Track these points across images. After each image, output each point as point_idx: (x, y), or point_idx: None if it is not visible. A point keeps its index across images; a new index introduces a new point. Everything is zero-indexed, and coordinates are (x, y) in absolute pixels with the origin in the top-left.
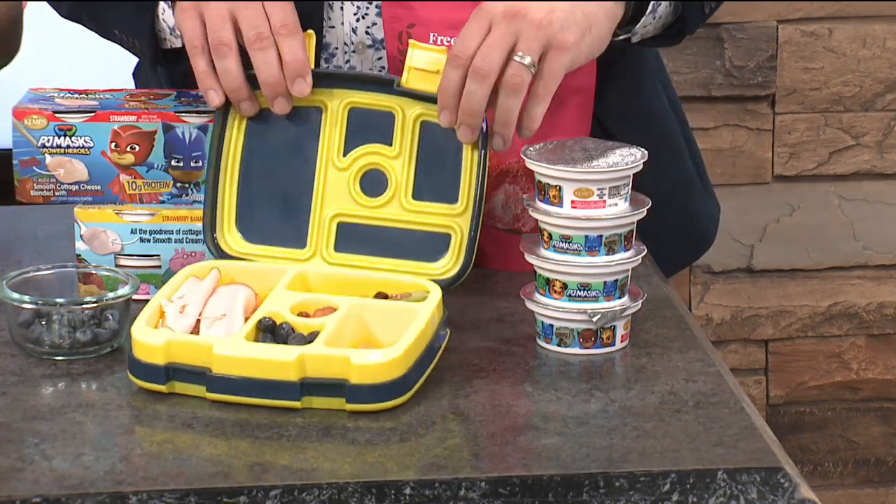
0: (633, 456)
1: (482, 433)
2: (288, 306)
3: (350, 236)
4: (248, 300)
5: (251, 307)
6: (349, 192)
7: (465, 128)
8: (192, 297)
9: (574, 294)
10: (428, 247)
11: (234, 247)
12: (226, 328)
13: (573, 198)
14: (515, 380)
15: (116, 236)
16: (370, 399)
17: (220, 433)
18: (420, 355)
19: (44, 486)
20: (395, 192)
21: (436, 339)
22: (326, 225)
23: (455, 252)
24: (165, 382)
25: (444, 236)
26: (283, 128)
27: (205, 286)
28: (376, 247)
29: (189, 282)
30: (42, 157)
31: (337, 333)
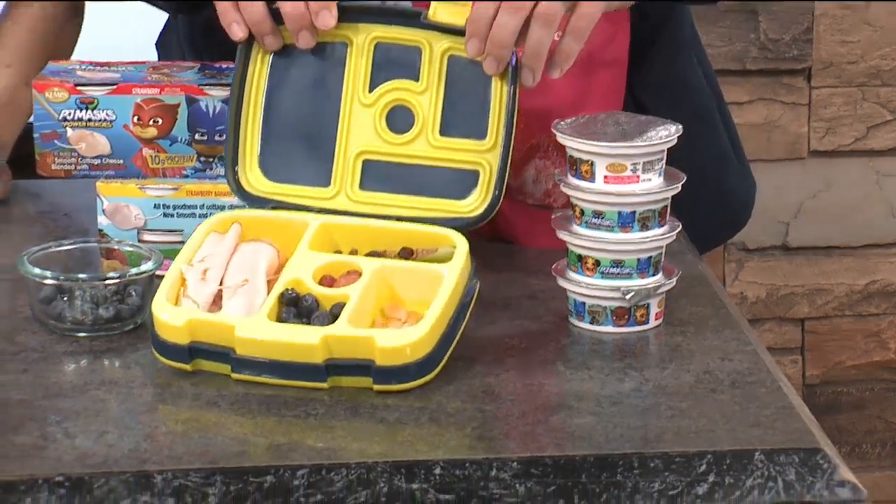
0: (667, 436)
1: (513, 413)
2: (311, 271)
3: (375, 174)
4: (271, 261)
5: (274, 267)
6: (375, 129)
7: (492, 59)
8: (213, 259)
9: (607, 271)
10: (455, 184)
11: (256, 185)
12: (248, 298)
13: (606, 173)
14: (547, 359)
15: (139, 211)
16: (397, 380)
17: (246, 411)
18: (447, 326)
19: (66, 465)
20: (421, 128)
21: (465, 297)
22: (351, 163)
23: (483, 189)
24: (190, 361)
25: (473, 173)
26: (308, 63)
27: (226, 245)
28: (402, 185)
29: (210, 239)
30: (63, 131)
31: (362, 302)
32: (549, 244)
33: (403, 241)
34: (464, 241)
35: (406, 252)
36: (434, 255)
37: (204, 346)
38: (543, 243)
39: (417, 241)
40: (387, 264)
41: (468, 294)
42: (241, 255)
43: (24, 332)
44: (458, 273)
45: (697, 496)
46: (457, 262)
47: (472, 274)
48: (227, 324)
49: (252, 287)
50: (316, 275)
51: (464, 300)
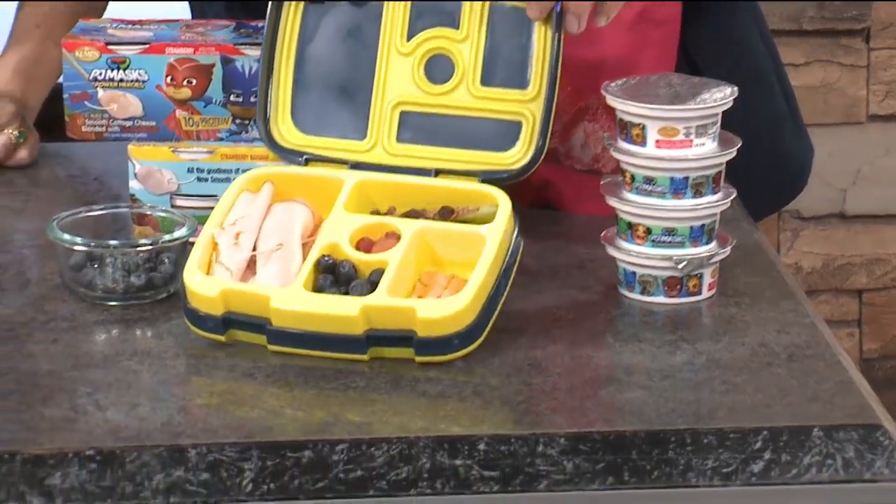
0: (721, 412)
1: (561, 386)
2: (348, 234)
3: (413, 126)
4: (306, 223)
5: (309, 229)
6: (413, 79)
7: (535, 4)
8: (245, 222)
9: (658, 239)
10: (497, 136)
11: (289, 138)
12: (283, 263)
13: (658, 137)
14: (596, 330)
15: (172, 175)
16: (440, 351)
17: (283, 384)
18: (490, 293)
19: (97, 438)
20: (461, 77)
21: (508, 258)
22: (388, 114)
23: (526, 141)
24: (224, 332)
25: (515, 124)
26: (343, 10)
27: (258, 205)
28: (441, 137)
29: (242, 199)
30: (94, 91)
31: (402, 268)
32: (598, 211)
33: (443, 199)
34: (506, 199)
35: (446, 211)
36: (475, 214)
37: (238, 317)
38: (592, 210)
39: (458, 199)
40: (426, 226)
41: (511, 255)
42: (274, 216)
43: (54, 300)
44: (501, 235)
45: (752, 474)
46: (499, 222)
47: (516, 233)
48: (262, 294)
49: (287, 251)
50: (353, 238)
51: (507, 262)
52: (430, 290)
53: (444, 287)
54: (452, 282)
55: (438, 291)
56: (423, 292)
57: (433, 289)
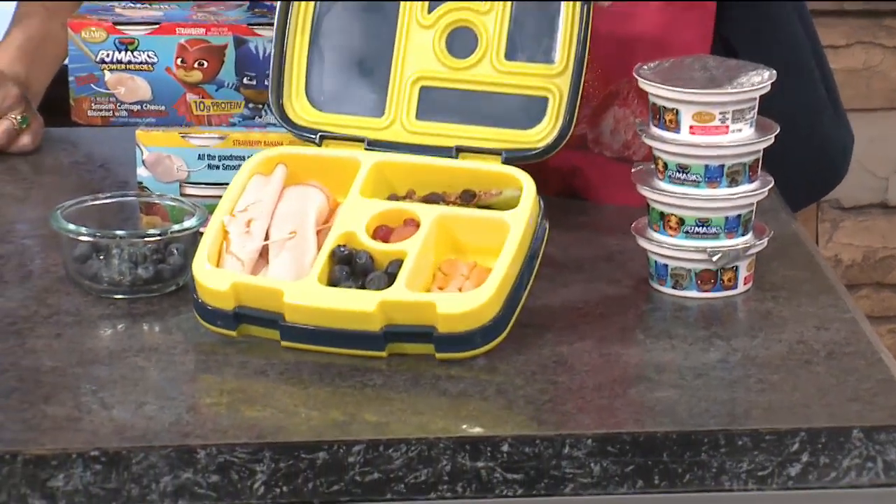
0: (757, 412)
1: (588, 385)
2: (364, 222)
3: (434, 102)
4: (320, 208)
5: (324, 215)
6: (434, 53)
7: None
8: (257, 208)
9: (692, 230)
10: (521, 112)
11: (303, 115)
12: (297, 253)
13: (692, 122)
14: (625, 326)
15: (182, 162)
16: (461, 347)
17: (297, 382)
18: (514, 285)
19: (102, 438)
20: (485, 51)
21: (533, 245)
22: (407, 90)
23: (553, 117)
24: (235, 327)
25: (541, 100)
26: None
27: (271, 189)
28: (463, 113)
29: (253, 182)
30: (101, 74)
31: (421, 258)
32: (629, 201)
33: (464, 181)
34: (531, 182)
35: (468, 195)
36: (498, 198)
37: (250, 312)
38: (622, 200)
39: (480, 181)
40: (446, 213)
41: (536, 242)
42: (287, 201)
43: (57, 293)
44: (525, 222)
45: (789, 477)
46: (523, 208)
47: (541, 218)
48: (275, 289)
49: (301, 240)
50: (370, 226)
51: (532, 251)
52: (451, 280)
53: (466, 277)
54: (474, 271)
55: (459, 282)
56: (444, 282)
57: (454, 278)
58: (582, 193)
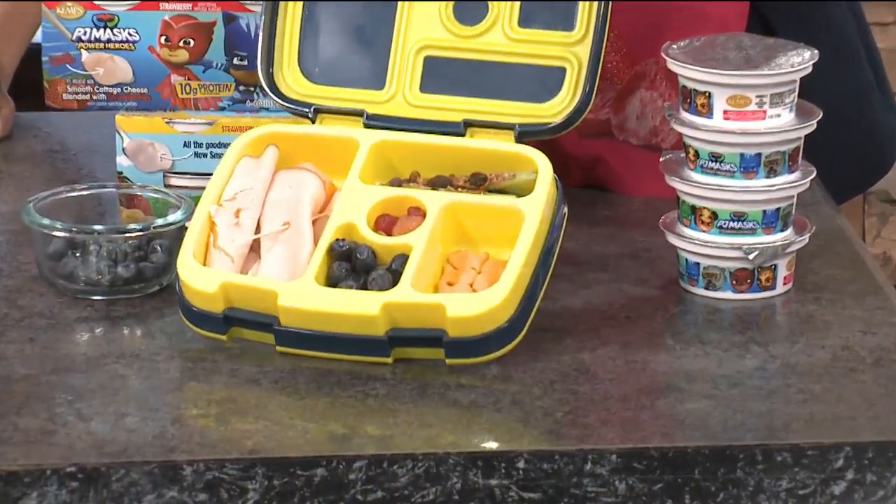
0: (797, 424)
1: (612, 395)
2: (365, 211)
3: (440, 73)
4: (316, 195)
5: (319, 203)
6: (440, 20)
7: None
8: (247, 196)
9: (726, 225)
10: (536, 84)
11: (295, 87)
12: (291, 248)
13: (726, 107)
14: (653, 330)
15: (166, 150)
16: (473, 353)
17: (292, 391)
18: (530, 282)
19: (79, 453)
20: (496, 17)
21: (551, 235)
22: (411, 60)
23: (571, 89)
24: (225, 331)
25: (557, 71)
26: None
27: (261, 175)
28: (472, 85)
29: (242, 167)
30: (77, 54)
31: (428, 253)
32: (657, 192)
33: (474, 163)
34: (547, 164)
35: (477, 178)
36: (511, 181)
37: (242, 315)
38: (649, 191)
39: (491, 163)
40: (455, 200)
41: (554, 231)
42: (279, 187)
43: (30, 293)
44: (541, 210)
45: (833, 496)
46: (539, 194)
47: (559, 204)
48: (269, 290)
49: (295, 232)
50: (371, 216)
51: (549, 241)
52: (461, 275)
53: (477, 271)
54: (486, 264)
55: (470, 276)
56: (453, 277)
57: (464, 272)
58: (605, 185)
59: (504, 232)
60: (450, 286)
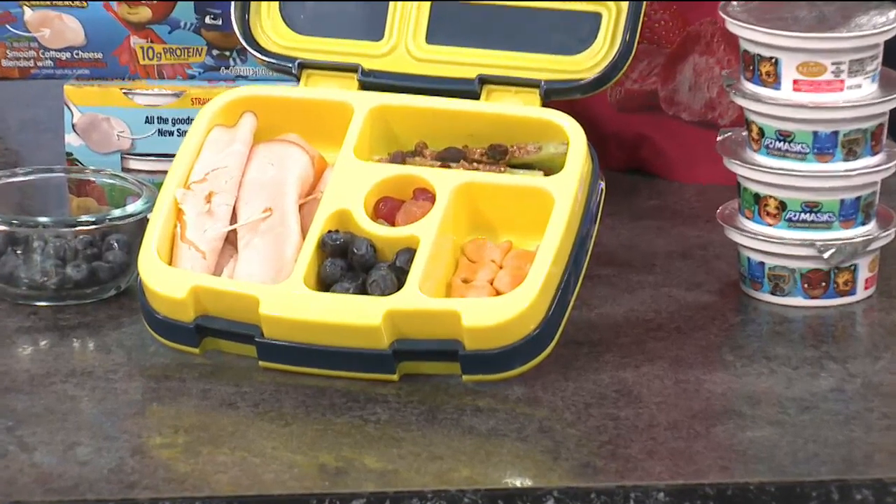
0: (881, 456)
1: (660, 421)
2: (362, 195)
3: (449, 22)
4: (303, 174)
5: (308, 183)
6: None
7: None
8: (219, 176)
9: (796, 218)
10: (566, 33)
11: (277, 39)
12: (274, 240)
13: (796, 75)
14: (708, 344)
15: (125, 127)
16: (495, 367)
17: (276, 415)
18: (562, 281)
19: (21, 489)
20: None
21: (585, 222)
22: (414, 5)
23: (606, 39)
24: (198, 343)
25: (590, 17)
26: None
27: (237, 149)
28: (487, 35)
29: (213, 140)
30: (19, 12)
31: (439, 246)
32: (713, 178)
33: (492, 132)
34: (580, 134)
35: (497, 151)
36: (537, 155)
37: (217, 325)
38: (704, 177)
39: (512, 131)
40: (471, 181)
41: (588, 218)
42: (259, 164)
43: None
44: (574, 192)
45: None
46: (571, 172)
47: (594, 184)
48: (249, 295)
49: (279, 221)
50: (369, 200)
51: (583, 230)
52: (478, 270)
53: (498, 265)
54: (508, 256)
55: (490, 272)
56: (469, 273)
57: (482, 267)
58: (651, 169)
59: (529, 217)
60: (466, 284)
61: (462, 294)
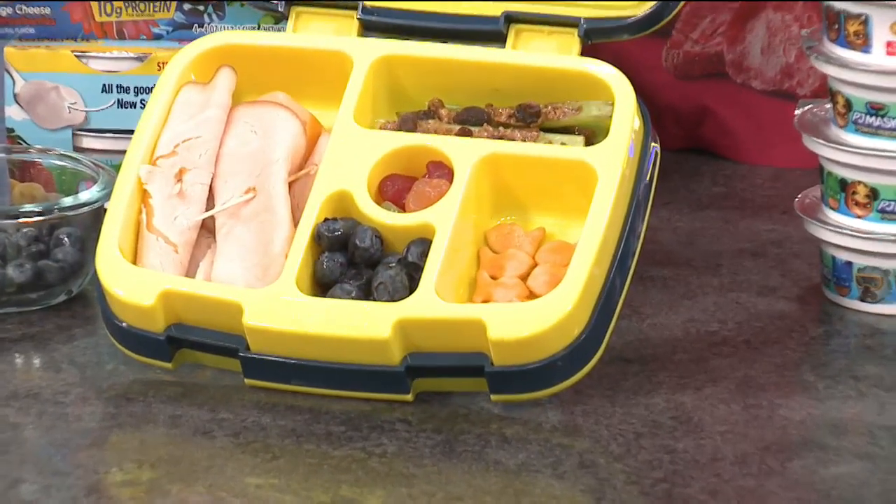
0: None
1: (725, 454)
2: (364, 171)
3: None
4: (294, 144)
5: (299, 154)
6: None
7: None
8: (192, 150)
9: (891, 209)
10: None
11: None
12: (259, 227)
13: (890, 37)
14: (785, 361)
15: (77, 97)
16: (526, 386)
17: (260, 446)
18: (607, 278)
19: None
20: None
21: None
22: None
23: None
24: (171, 357)
25: None
26: None
27: (212, 116)
28: None
29: (183, 101)
30: None
31: (459, 234)
32: (790, 160)
33: (522, 87)
34: (628, 90)
35: (528, 112)
36: (577, 117)
37: (194, 336)
38: (780, 159)
39: (546, 88)
40: (497, 152)
41: (639, 198)
42: (239, 133)
43: None
44: (621, 167)
45: None
46: (618, 140)
47: (646, 151)
48: (230, 301)
49: (265, 205)
50: (373, 178)
51: (632, 213)
52: (506, 263)
53: (531, 255)
54: (545, 250)
55: (519, 265)
56: (495, 267)
57: (510, 260)
58: (716, 148)
59: (567, 195)
60: (493, 282)
61: (488, 294)
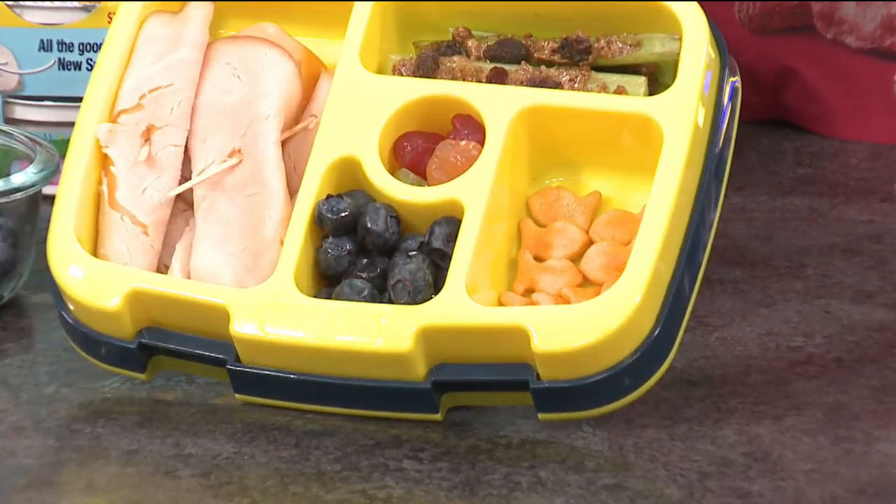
0: None
1: (811, 498)
2: (376, 132)
3: None
4: (288, 91)
5: (295, 100)
6: None
7: None
8: (161, 100)
9: None
10: None
11: None
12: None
13: None
14: (884, 382)
15: (9, 57)
16: (579, 403)
17: (235, 489)
18: (677, 268)
19: None
20: None
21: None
22: None
23: None
24: (144, 367)
25: None
26: None
27: (185, 58)
28: None
29: (148, 38)
30: None
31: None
32: (891, 135)
33: (567, 14)
34: (700, 21)
35: (576, 47)
36: (635, 54)
37: (170, 344)
38: (879, 133)
39: (598, 16)
40: (540, 104)
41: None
42: (219, 77)
43: None
44: (693, 117)
45: None
46: (687, 85)
47: (722, 81)
48: (214, 304)
49: (252, 174)
50: (385, 139)
51: (706, 181)
52: (554, 240)
53: (584, 229)
54: (601, 223)
55: (573, 241)
56: (540, 245)
57: (558, 236)
58: (801, 121)
59: (627, 149)
60: (538, 264)
61: (532, 281)
